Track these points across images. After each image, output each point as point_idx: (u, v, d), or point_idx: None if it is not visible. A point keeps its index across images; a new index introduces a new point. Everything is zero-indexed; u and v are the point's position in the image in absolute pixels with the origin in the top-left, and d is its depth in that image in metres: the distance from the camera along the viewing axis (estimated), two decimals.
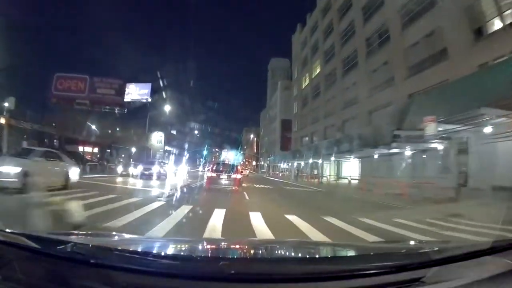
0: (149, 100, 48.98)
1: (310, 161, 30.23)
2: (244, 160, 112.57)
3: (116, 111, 44.04)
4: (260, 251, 1.85)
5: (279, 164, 49.63)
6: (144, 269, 1.14)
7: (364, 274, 1.20)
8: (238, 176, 13.60)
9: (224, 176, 13.22)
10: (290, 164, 40.20)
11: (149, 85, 49.07)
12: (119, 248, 1.35)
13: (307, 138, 41.86)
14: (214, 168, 14.01)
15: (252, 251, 1.85)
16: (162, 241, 2.53)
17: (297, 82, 48.22)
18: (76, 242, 1.32)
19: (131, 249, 1.40)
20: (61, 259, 1.20)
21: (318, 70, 39.08)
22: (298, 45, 48.94)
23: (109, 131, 47.75)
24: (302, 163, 34.15)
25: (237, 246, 2.07)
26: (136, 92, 48.04)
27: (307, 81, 43.05)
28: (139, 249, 1.48)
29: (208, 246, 1.97)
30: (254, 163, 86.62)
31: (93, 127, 40.33)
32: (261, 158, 69.72)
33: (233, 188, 13.04)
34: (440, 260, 1.29)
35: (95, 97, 41.93)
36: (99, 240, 1.73)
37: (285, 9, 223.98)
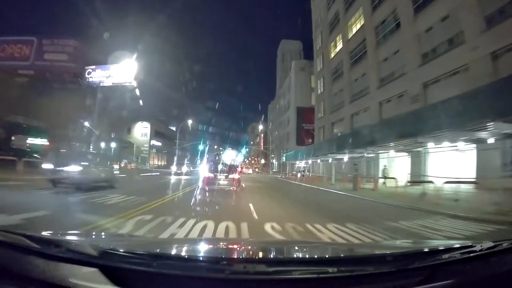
0: (133, 83, 37.62)
1: (366, 154, 17.82)
2: (249, 159, 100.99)
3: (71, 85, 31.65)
4: (261, 252, 1.81)
5: (298, 162, 37.15)
6: (143, 269, 1.14)
7: (364, 275, 1.19)
8: (237, 176, 12.64)
9: (221, 176, 12.42)
10: (320, 160, 27.86)
11: (134, 66, 37.42)
12: (119, 248, 1.33)
13: (339, 128, 29.61)
14: (211, 168, 13.02)
15: (252, 252, 1.83)
16: (162, 241, 2.48)
17: (323, 51, 36.03)
18: (75, 242, 1.37)
19: (131, 249, 1.36)
20: (61, 259, 1.19)
21: (359, 25, 26.90)
22: (320, 6, 36.81)
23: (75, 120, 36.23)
24: (346, 158, 21.83)
25: (238, 247, 2.04)
26: (118, 74, 37.44)
27: (339, 45, 30.86)
28: (139, 250, 1.39)
29: (208, 246, 1.96)
30: (263, 161, 74.09)
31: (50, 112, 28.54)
32: (273, 155, 57.60)
33: (232, 188, 11.87)
34: (440, 260, 1.28)
35: (42, 65, 30.01)
36: (99, 240, 1.79)
37: None
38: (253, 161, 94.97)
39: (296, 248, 2.01)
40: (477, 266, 1.28)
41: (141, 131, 47.82)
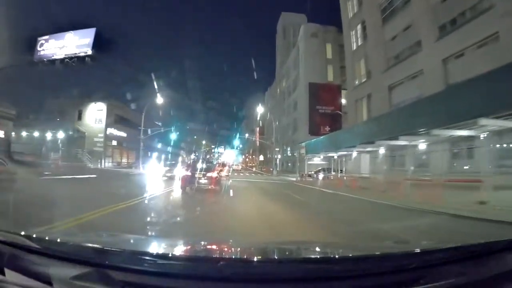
0: (90, 53, 26.48)
1: None
2: (244, 156, 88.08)
3: None
4: (260, 252, 1.75)
5: (320, 157, 24.47)
6: (144, 269, 1.13)
7: (364, 275, 1.18)
8: (215, 174, 12.18)
9: (200, 175, 11.84)
10: (382, 150, 15.20)
11: (92, 32, 26.94)
12: (119, 248, 1.32)
13: (407, 92, 17.41)
14: (189, 167, 13.17)
15: (251, 252, 1.79)
16: (162, 241, 2.38)
17: None
18: (75, 242, 1.33)
19: (131, 249, 1.36)
20: (61, 259, 1.18)
21: None
22: None
23: None
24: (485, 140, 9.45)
25: (237, 247, 1.99)
26: (73, 43, 27.22)
27: None
28: (139, 249, 1.43)
29: (208, 246, 1.92)
30: (261, 158, 60.99)
31: None
32: (277, 149, 44.85)
33: (210, 187, 11.50)
34: (439, 261, 1.27)
35: None
36: (99, 240, 1.73)
37: None
38: (247, 159, 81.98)
39: (296, 248, 1.92)
40: (477, 266, 1.25)
41: (95, 115, 34.44)
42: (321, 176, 24.42)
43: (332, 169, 24.53)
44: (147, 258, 1.20)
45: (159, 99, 38.71)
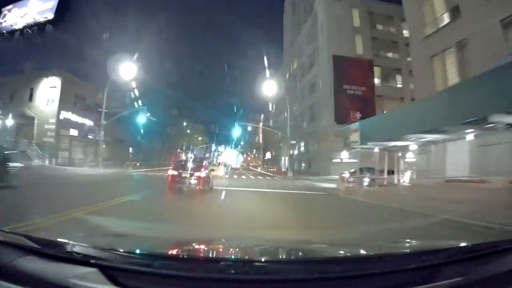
0: (51, 17, 22.21)
1: None
2: (246, 154, 79.41)
3: None
4: (261, 252, 1.75)
5: (375, 150, 15.63)
6: (144, 269, 1.12)
7: (364, 275, 1.17)
8: (203, 174, 11.34)
9: (187, 174, 11.27)
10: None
11: None
12: (119, 248, 1.30)
13: None
14: (176, 166, 12.20)
15: (252, 252, 1.77)
16: (162, 241, 2.26)
17: None
18: (75, 242, 1.31)
19: (131, 249, 1.34)
20: (61, 259, 1.17)
21: None
22: None
23: None
24: None
25: (238, 246, 1.95)
26: (36, 9, 23.18)
27: None
28: (139, 249, 1.38)
29: (208, 246, 1.88)
30: (268, 155, 51.87)
31: None
32: (294, 142, 35.84)
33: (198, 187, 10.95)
34: (440, 261, 1.25)
35: None
36: (99, 240, 1.70)
37: None
38: (249, 158, 73.36)
39: (297, 248, 1.91)
40: (477, 266, 1.24)
41: (48, 95, 25.66)
42: (366, 180, 15.69)
43: (385, 170, 15.76)
44: (147, 258, 1.18)
45: (137, 80, 30.06)
